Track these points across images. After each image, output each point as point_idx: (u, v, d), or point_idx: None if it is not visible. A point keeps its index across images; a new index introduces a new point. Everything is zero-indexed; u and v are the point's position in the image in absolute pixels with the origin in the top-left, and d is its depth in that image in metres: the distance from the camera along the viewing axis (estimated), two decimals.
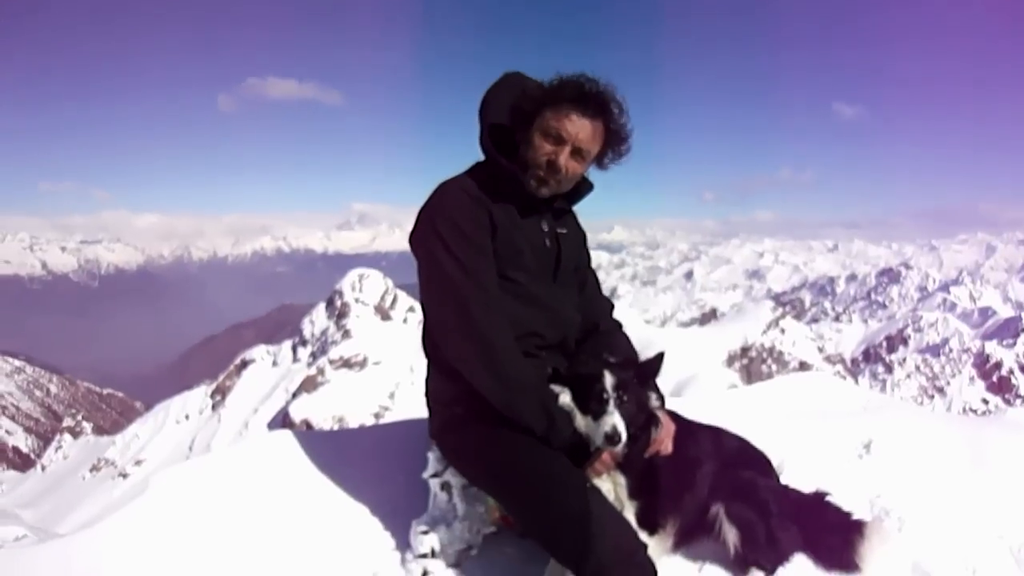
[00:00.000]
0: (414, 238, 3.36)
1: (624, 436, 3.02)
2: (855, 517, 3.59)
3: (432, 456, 3.59)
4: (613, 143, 3.37)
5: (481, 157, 3.52)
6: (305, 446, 4.36)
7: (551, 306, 3.44)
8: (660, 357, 3.33)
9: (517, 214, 3.38)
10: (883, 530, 3.52)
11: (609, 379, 3.11)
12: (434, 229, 3.22)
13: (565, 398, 3.17)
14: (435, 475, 3.57)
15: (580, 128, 3.23)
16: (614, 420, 3.04)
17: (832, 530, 3.52)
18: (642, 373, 3.27)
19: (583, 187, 3.53)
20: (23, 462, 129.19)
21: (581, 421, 3.14)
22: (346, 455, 4.33)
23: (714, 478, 3.44)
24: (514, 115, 3.38)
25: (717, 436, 3.63)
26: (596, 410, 3.09)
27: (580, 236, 3.79)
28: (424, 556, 3.45)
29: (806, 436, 4.61)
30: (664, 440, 3.28)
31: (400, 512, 3.73)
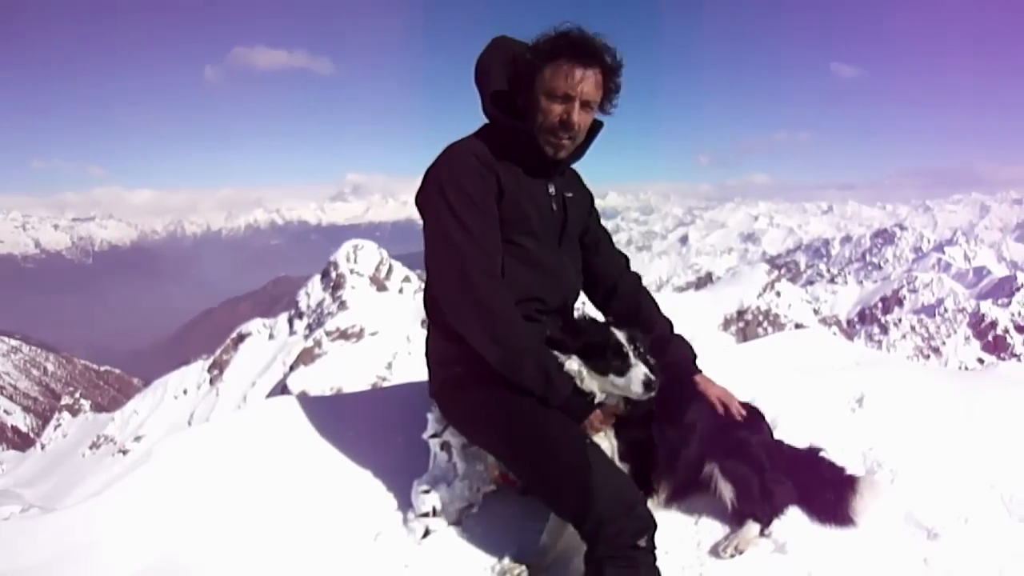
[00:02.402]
0: (421, 198, 3.35)
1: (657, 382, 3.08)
2: (848, 472, 3.63)
3: (431, 416, 3.63)
4: (611, 86, 3.36)
5: (481, 122, 3.52)
6: (306, 411, 4.39)
7: (555, 271, 3.46)
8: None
9: (525, 178, 3.38)
10: (876, 485, 3.56)
11: (621, 334, 3.15)
12: (440, 191, 3.23)
13: (572, 364, 3.17)
14: (435, 435, 3.62)
15: (583, 81, 3.22)
16: (644, 369, 3.08)
17: (826, 485, 3.55)
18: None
19: (595, 128, 3.49)
20: (23, 441, 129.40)
21: (598, 382, 3.16)
22: (347, 419, 4.37)
23: (707, 437, 3.48)
24: (512, 80, 3.38)
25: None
26: (620, 366, 3.11)
27: (587, 198, 3.80)
28: (426, 515, 3.50)
29: (799, 392, 4.64)
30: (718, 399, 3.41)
31: (401, 472, 3.78)
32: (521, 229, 3.34)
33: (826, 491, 3.53)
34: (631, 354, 3.12)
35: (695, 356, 3.71)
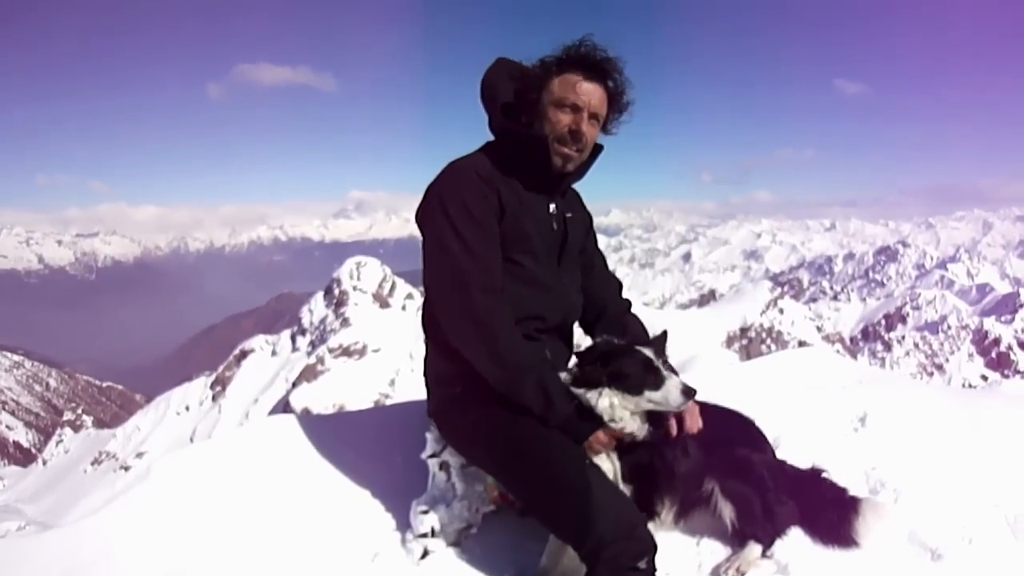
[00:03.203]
0: (421, 214, 3.34)
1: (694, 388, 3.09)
2: (851, 493, 3.61)
3: (430, 436, 3.61)
4: (617, 105, 3.38)
5: (485, 140, 3.52)
6: (306, 430, 4.38)
7: (555, 290, 3.44)
8: (664, 335, 3.39)
9: (526, 195, 3.36)
10: (879, 506, 3.54)
11: (647, 350, 3.15)
12: (442, 208, 3.21)
13: (603, 401, 3.10)
14: (433, 455, 3.60)
15: (591, 93, 3.25)
16: (678, 379, 3.10)
17: (828, 506, 3.53)
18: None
19: (596, 150, 3.49)
20: (24, 457, 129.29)
21: (632, 404, 3.11)
22: (346, 438, 4.36)
23: (709, 456, 3.43)
24: (518, 94, 3.38)
25: (712, 413, 3.63)
26: (655, 380, 3.10)
27: (587, 219, 3.79)
28: (424, 535, 3.48)
29: (802, 410, 4.62)
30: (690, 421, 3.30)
31: (400, 493, 3.77)
32: (521, 248, 3.32)
33: (828, 512, 3.51)
34: (661, 367, 3.12)
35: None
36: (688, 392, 3.06)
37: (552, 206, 3.47)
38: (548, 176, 3.38)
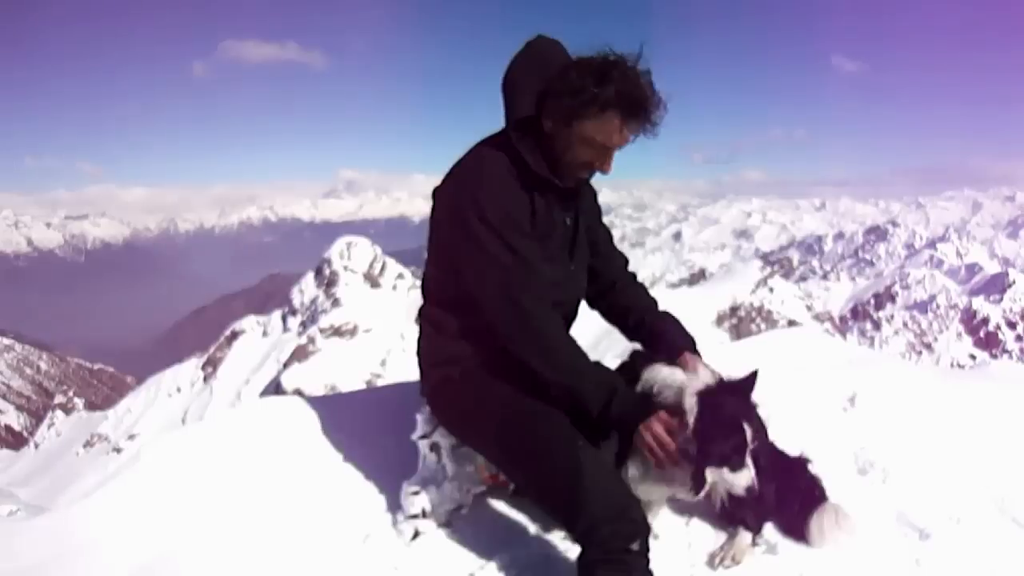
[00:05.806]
0: (457, 219, 3.15)
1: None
2: (822, 490, 3.56)
3: (421, 417, 3.61)
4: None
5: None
6: (296, 411, 4.38)
7: (565, 284, 3.39)
8: (754, 378, 3.10)
9: (552, 196, 3.26)
10: (839, 513, 3.44)
11: (749, 428, 2.93)
12: (481, 214, 3.06)
13: (742, 478, 2.93)
14: (424, 436, 3.60)
15: (626, 137, 3.12)
16: (750, 472, 2.92)
17: (796, 496, 3.50)
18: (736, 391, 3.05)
19: None
20: (16, 440, 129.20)
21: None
22: (337, 419, 4.35)
23: None
24: (545, 94, 3.16)
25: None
26: (736, 464, 2.91)
27: (592, 196, 3.72)
28: (415, 516, 3.49)
29: (791, 390, 4.61)
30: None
31: (391, 474, 3.76)
32: (542, 249, 3.22)
33: (793, 503, 3.49)
34: (749, 452, 2.95)
35: (694, 342, 3.50)
36: (750, 491, 2.94)
37: (569, 202, 3.39)
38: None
